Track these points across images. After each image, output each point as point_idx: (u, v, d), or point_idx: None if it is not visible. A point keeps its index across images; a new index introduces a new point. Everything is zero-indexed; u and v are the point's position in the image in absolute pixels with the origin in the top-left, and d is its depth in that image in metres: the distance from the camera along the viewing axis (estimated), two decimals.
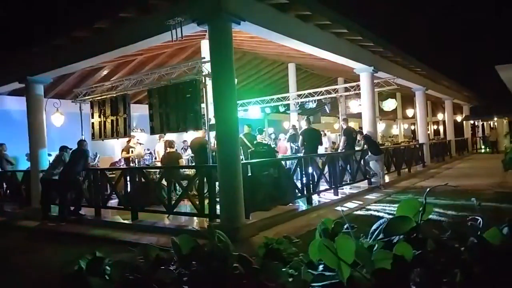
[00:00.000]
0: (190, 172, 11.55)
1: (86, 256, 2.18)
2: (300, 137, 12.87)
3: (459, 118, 34.94)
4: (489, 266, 1.57)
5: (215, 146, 8.85)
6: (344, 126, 14.64)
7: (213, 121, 8.75)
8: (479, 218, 1.89)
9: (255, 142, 11.99)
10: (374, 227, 1.86)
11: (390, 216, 1.89)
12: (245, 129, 12.94)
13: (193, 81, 9.81)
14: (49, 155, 13.05)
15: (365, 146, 13.89)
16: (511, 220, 1.75)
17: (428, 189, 2.06)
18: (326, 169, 12.16)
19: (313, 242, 1.77)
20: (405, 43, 18.43)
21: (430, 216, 1.82)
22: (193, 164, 13.13)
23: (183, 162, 12.35)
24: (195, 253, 1.99)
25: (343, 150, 13.90)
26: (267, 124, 26.62)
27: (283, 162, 11.56)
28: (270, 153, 11.34)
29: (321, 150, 14.58)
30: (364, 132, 14.50)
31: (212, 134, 9.53)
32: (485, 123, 38.69)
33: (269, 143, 13.00)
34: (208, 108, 9.58)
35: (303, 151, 12.76)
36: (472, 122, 36.26)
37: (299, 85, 22.41)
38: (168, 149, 11.84)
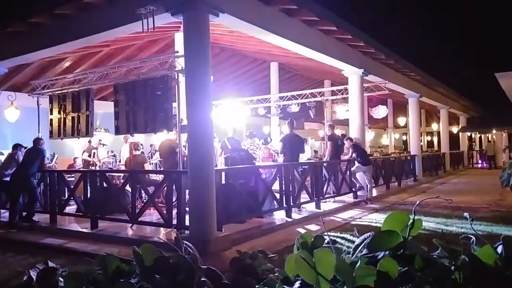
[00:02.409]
0: (158, 177, 11.43)
1: (37, 267, 2.16)
2: (280, 143, 12.64)
3: (455, 129, 34.96)
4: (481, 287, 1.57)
5: (187, 149, 8.72)
6: (329, 133, 14.46)
7: (185, 122, 8.66)
8: (472, 236, 1.89)
9: (230, 147, 11.88)
10: (357, 241, 1.85)
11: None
12: (229, 132, 12.81)
13: (165, 77, 9.62)
14: (1, 153, 12.92)
15: (353, 155, 13.75)
16: (506, 239, 1.76)
17: (418, 202, 2.06)
18: (308, 179, 12.04)
19: (290, 256, 1.75)
20: (398, 46, 18.65)
21: (419, 232, 1.82)
22: (161, 169, 12.91)
23: (149, 166, 12.19)
24: (159, 265, 1.97)
25: (328, 159, 13.78)
26: (245, 128, 25.73)
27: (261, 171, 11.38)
28: (246, 159, 11.21)
29: (303, 159, 13.90)
30: (353, 138, 14.36)
31: (184, 136, 9.50)
32: (482, 135, 38.94)
33: (247, 148, 12.87)
34: (180, 108, 9.46)
35: (282, 158, 12.54)
36: (469, 134, 36.38)
37: (281, 86, 22.16)
38: (134, 152, 11.71)
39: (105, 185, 10.20)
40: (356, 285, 1.58)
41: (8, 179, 10.92)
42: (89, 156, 15.06)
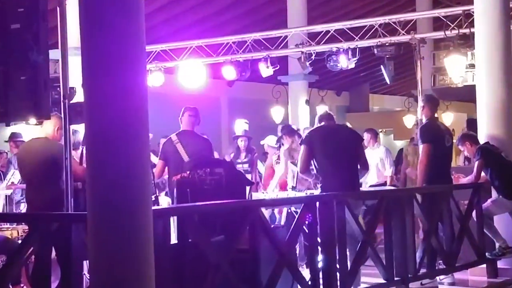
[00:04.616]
0: (16, 231, 10.82)
1: None
2: (303, 147, 11.08)
3: None
4: None
5: (84, 163, 8.55)
6: (424, 117, 12.43)
7: (80, 98, 8.03)
8: None
9: (187, 157, 11.25)
10: None
11: None
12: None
13: None
14: None
15: (482, 172, 12.01)
16: None
17: None
18: (379, 230, 11.08)
19: None
20: None
21: None
22: (24, 208, 12.30)
23: None
24: None
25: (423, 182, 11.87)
26: (227, 110, 25.65)
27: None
28: (230, 187, 9.95)
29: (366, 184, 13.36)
30: (481, 138, 12.39)
31: (80, 132, 9.82)
32: None
33: (233, 161, 12.86)
34: (67, 63, 8.56)
35: (318, 183, 11.15)
36: None
37: (313, 11, 20.62)
38: None
39: None
40: None
41: None
42: None
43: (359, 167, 11.32)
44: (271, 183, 13.56)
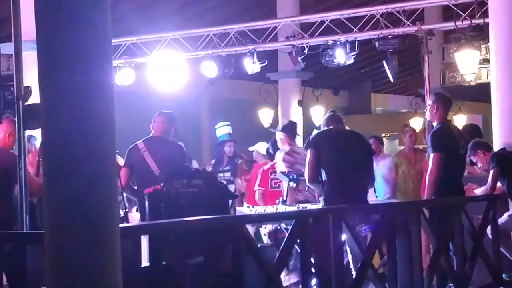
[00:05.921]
0: None
1: None
2: (309, 152, 10.78)
3: None
4: None
5: (41, 174, 8.60)
6: (436, 120, 11.95)
7: (37, 99, 6.86)
8: None
9: (155, 168, 11.17)
10: None
11: None
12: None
13: None
14: None
15: (497, 182, 11.80)
16: None
17: None
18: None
19: None
20: None
21: None
22: None
23: None
24: None
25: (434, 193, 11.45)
26: (208, 112, 25.48)
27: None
28: (207, 199, 9.76)
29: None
30: (496, 144, 12.31)
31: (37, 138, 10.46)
32: None
33: (213, 171, 12.67)
34: (22, 59, 8.52)
35: (321, 195, 11.06)
36: None
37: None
38: None
39: None
40: None
41: None
42: None
43: None
44: None
